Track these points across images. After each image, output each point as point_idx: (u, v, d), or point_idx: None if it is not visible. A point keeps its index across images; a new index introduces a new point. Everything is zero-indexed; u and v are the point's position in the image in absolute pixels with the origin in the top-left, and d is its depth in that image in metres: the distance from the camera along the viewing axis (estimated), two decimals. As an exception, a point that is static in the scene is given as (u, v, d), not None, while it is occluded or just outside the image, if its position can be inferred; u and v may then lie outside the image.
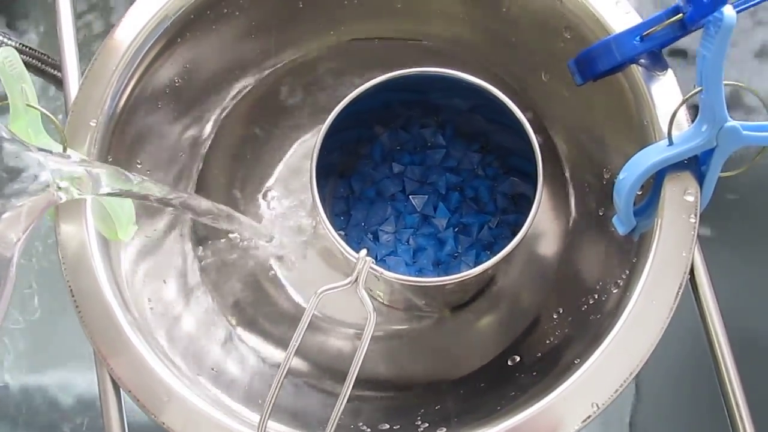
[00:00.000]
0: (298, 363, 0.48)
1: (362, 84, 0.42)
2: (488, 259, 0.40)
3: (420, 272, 0.49)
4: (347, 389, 0.35)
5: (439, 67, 0.43)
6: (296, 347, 0.36)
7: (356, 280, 0.38)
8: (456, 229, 0.50)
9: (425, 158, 0.52)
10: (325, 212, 0.41)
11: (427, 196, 0.51)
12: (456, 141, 0.52)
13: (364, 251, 0.39)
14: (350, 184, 0.51)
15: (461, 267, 0.49)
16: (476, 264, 0.48)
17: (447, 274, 0.48)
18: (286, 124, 0.53)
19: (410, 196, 0.51)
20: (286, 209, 0.52)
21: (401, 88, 0.44)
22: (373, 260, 0.39)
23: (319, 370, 0.49)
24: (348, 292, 0.37)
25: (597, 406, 0.35)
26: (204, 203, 0.43)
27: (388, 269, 0.40)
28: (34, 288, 0.55)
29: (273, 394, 0.35)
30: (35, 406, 0.53)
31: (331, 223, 0.41)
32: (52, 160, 0.31)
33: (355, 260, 0.39)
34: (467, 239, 0.50)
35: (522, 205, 0.50)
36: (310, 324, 0.49)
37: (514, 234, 0.41)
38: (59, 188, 0.31)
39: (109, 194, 0.35)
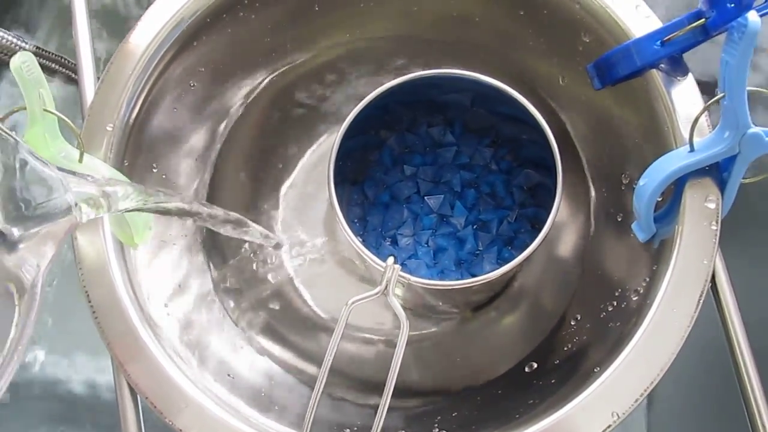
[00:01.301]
0: (312, 369, 0.48)
1: (373, 85, 0.42)
2: (510, 254, 0.39)
3: (442, 273, 0.49)
4: (386, 398, 0.35)
5: (450, 68, 0.42)
6: (331, 361, 0.36)
7: (386, 288, 0.37)
8: (475, 227, 0.50)
9: (436, 158, 0.51)
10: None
11: (442, 196, 0.50)
12: (466, 137, 0.51)
13: (391, 259, 0.38)
14: (363, 191, 0.51)
15: (483, 264, 0.48)
16: (498, 260, 0.48)
17: (470, 273, 0.48)
18: (301, 127, 0.53)
19: (425, 197, 0.50)
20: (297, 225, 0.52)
21: (400, 91, 0.43)
22: (401, 267, 0.38)
23: (331, 375, 0.48)
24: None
25: (617, 415, 0.35)
26: (217, 212, 0.42)
27: (410, 273, 0.40)
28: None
29: (312, 408, 0.35)
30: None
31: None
32: (73, 181, 0.31)
33: (382, 269, 0.38)
34: (487, 236, 0.49)
35: (540, 197, 0.49)
36: (324, 329, 0.50)
37: (534, 227, 0.40)
38: (78, 209, 0.31)
39: (127, 210, 0.34)
